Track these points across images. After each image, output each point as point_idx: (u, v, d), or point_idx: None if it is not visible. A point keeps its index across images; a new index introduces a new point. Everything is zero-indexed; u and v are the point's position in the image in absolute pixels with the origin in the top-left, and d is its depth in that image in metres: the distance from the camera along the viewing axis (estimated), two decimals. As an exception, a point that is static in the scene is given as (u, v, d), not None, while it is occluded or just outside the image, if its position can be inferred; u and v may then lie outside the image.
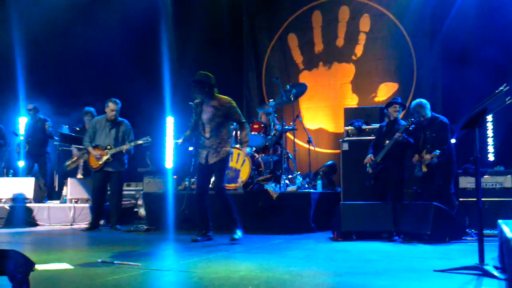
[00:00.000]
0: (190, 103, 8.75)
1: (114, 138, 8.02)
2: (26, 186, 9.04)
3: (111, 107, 8.08)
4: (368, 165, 6.92)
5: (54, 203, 9.03)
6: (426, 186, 6.81)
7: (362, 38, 10.09)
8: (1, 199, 9.00)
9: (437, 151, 6.55)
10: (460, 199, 6.84)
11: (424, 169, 6.66)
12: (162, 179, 9.28)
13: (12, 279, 3.20)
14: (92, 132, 8.10)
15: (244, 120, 6.53)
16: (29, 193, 8.98)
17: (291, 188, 7.61)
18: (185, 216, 7.60)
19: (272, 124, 8.33)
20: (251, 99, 10.98)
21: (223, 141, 6.33)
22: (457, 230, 6.15)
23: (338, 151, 8.46)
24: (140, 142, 8.06)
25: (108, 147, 7.97)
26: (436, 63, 9.16)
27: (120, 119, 8.19)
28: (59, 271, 4.30)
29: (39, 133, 9.63)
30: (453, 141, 6.82)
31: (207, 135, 6.31)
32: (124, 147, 7.98)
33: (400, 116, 7.10)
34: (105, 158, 7.94)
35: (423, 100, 6.92)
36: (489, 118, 8.02)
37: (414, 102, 7.00)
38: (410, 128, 6.68)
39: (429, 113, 6.86)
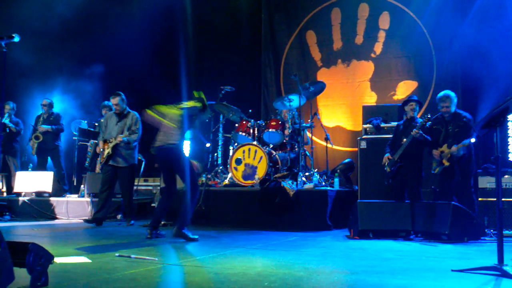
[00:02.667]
0: (208, 102, 8.83)
1: (120, 131, 7.91)
2: (45, 180, 9.16)
3: (112, 101, 8.07)
4: (386, 164, 6.87)
5: (73, 197, 9.13)
6: (445, 183, 6.73)
7: (382, 35, 10.01)
8: (21, 192, 9.13)
9: (466, 140, 6.41)
10: (480, 198, 6.75)
11: (446, 163, 6.56)
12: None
13: (32, 271, 3.25)
14: (104, 126, 8.13)
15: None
16: (48, 187, 9.10)
17: (308, 186, 7.59)
18: (202, 212, 7.64)
19: (290, 121, 8.31)
20: (269, 95, 10.96)
21: None
22: (475, 230, 6.09)
23: (355, 149, 8.43)
24: (120, 138, 7.80)
25: (111, 140, 7.90)
26: (456, 60, 9.05)
27: (129, 110, 8.09)
28: (77, 264, 4.35)
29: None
30: (472, 140, 6.73)
31: None
32: (117, 140, 7.80)
33: (419, 114, 7.04)
34: (106, 151, 7.87)
35: (451, 93, 6.80)
36: (510, 117, 7.90)
37: (441, 93, 6.87)
38: (427, 125, 6.62)
39: (453, 107, 6.74)
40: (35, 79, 10.96)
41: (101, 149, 7.97)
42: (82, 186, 9.32)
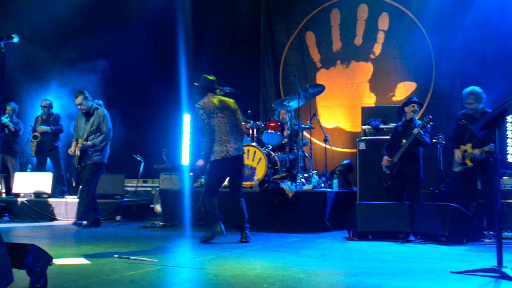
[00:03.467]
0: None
1: (86, 130, 7.61)
2: (44, 181, 9.15)
3: (76, 100, 7.74)
4: (384, 165, 6.87)
5: (71, 198, 9.12)
6: (465, 183, 6.69)
7: (381, 36, 10.02)
8: (20, 193, 9.12)
9: (491, 144, 6.23)
10: (479, 200, 6.76)
11: (469, 163, 6.51)
12: (178, 176, 9.32)
13: (31, 273, 3.24)
14: (75, 126, 7.90)
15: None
16: (47, 188, 9.09)
17: (307, 187, 7.59)
18: (201, 213, 7.63)
19: (289, 122, 8.31)
20: (268, 96, 10.97)
21: None
22: (474, 231, 6.09)
23: (354, 150, 8.43)
24: (80, 145, 7.58)
25: (79, 140, 7.64)
26: (456, 62, 9.06)
27: (96, 107, 7.77)
28: (76, 265, 4.34)
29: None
30: None
31: None
32: (79, 145, 7.58)
33: (417, 116, 7.03)
34: (76, 153, 7.63)
35: (479, 89, 6.64)
36: (509, 118, 7.91)
37: (469, 88, 6.71)
38: (428, 126, 6.62)
39: (480, 105, 6.58)
40: (35, 80, 10.95)
41: (73, 151, 7.70)
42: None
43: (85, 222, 7.53)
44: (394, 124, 7.39)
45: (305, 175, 7.98)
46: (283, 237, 6.55)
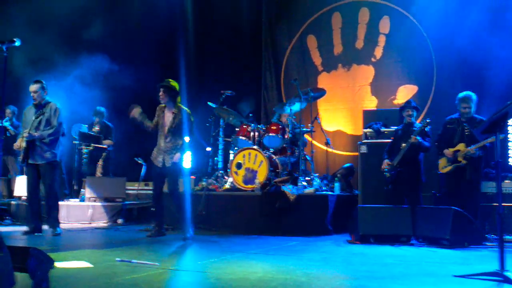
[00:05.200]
0: (208, 103, 8.83)
1: (37, 124, 6.98)
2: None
3: (31, 88, 7.10)
4: (385, 169, 6.88)
5: (73, 202, 9.12)
6: (455, 182, 6.70)
7: (382, 40, 10.02)
8: (21, 196, 9.12)
9: (492, 137, 6.25)
10: (481, 203, 6.75)
11: (463, 161, 6.53)
12: (180, 179, 9.31)
13: (33, 276, 3.24)
14: (23, 120, 7.27)
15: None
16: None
17: (309, 190, 7.59)
18: (202, 216, 7.64)
19: (290, 125, 8.32)
20: (269, 99, 10.97)
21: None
22: (476, 235, 6.09)
23: (356, 153, 8.42)
24: (26, 134, 6.91)
25: (25, 134, 6.97)
26: (457, 65, 9.05)
27: (48, 101, 7.15)
28: (78, 269, 4.34)
29: None
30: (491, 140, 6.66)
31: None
32: (25, 135, 6.92)
33: (418, 119, 7.04)
34: (21, 147, 6.98)
35: (473, 95, 6.81)
36: (510, 122, 7.91)
37: (463, 93, 6.86)
38: (427, 129, 6.63)
39: (473, 110, 6.75)
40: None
41: (18, 145, 7.04)
42: (82, 190, 9.30)
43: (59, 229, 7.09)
44: (395, 127, 7.40)
45: (307, 178, 7.98)
46: (285, 241, 6.55)
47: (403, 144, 6.71)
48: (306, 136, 9.00)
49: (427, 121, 6.60)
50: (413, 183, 6.71)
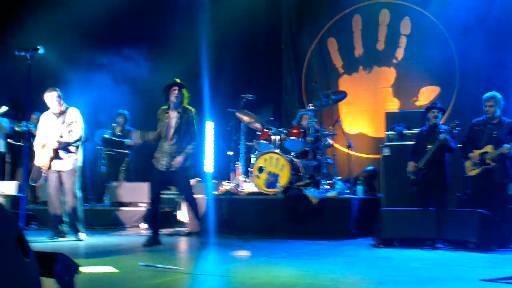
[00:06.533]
0: (228, 109, 8.85)
1: (58, 131, 6.93)
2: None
3: (47, 97, 7.00)
4: (410, 171, 6.79)
5: (97, 206, 9.20)
6: (483, 185, 6.59)
7: (403, 41, 9.95)
8: (45, 201, 9.21)
9: None
10: (509, 205, 6.63)
11: (492, 163, 6.43)
12: (202, 183, 9.34)
13: (60, 281, 3.26)
14: (42, 127, 7.14)
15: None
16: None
17: (331, 194, 7.55)
18: (224, 220, 7.65)
19: (311, 128, 8.28)
20: (290, 102, 10.96)
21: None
22: (504, 237, 5.98)
23: (378, 156, 8.36)
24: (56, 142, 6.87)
25: (49, 142, 6.93)
26: (479, 65, 8.93)
27: (68, 107, 7.10)
28: (103, 274, 4.37)
29: None
30: None
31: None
32: (53, 144, 6.86)
33: (441, 121, 6.96)
34: (47, 155, 6.93)
35: (498, 95, 6.67)
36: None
37: (488, 93, 6.72)
38: (454, 132, 6.54)
39: (498, 111, 6.60)
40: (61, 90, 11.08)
41: (41, 153, 6.99)
42: (105, 195, 9.38)
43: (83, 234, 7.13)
44: (418, 129, 7.31)
45: (329, 181, 7.94)
46: (308, 245, 6.52)
47: (429, 146, 6.62)
48: (328, 139, 8.94)
49: (456, 123, 6.51)
50: (439, 185, 6.62)
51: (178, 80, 6.46)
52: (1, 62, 10.35)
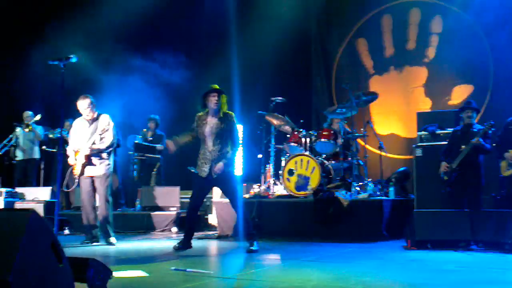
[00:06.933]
0: (258, 112, 8.84)
1: (90, 138, 7.01)
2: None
3: (80, 104, 7.07)
4: (443, 171, 6.68)
5: (129, 211, 9.31)
6: None
7: (434, 39, 9.81)
8: (78, 207, 9.36)
9: None
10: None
11: None
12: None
13: (92, 286, 3.31)
14: (74, 133, 7.22)
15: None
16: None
17: (362, 196, 7.47)
18: (255, 224, 7.63)
19: (342, 130, 8.22)
20: (320, 104, 10.90)
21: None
22: (541, 239, 5.81)
23: (410, 156, 8.24)
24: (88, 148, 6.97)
25: (80, 148, 7.02)
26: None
27: (100, 113, 7.17)
28: (134, 278, 4.40)
29: None
30: None
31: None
32: (86, 150, 6.96)
33: (476, 120, 6.82)
34: (78, 161, 7.00)
35: None
36: None
37: None
38: (490, 132, 6.40)
39: None
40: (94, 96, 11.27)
41: (74, 159, 7.04)
42: (137, 200, 9.50)
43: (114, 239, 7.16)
44: (451, 129, 7.18)
45: (360, 183, 7.86)
46: (339, 247, 6.46)
47: (463, 146, 6.49)
48: (359, 141, 8.87)
49: (491, 123, 6.37)
50: (473, 186, 6.49)
51: (216, 86, 6.37)
52: (35, 69, 10.58)
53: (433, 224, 6.20)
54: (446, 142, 7.09)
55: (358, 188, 7.66)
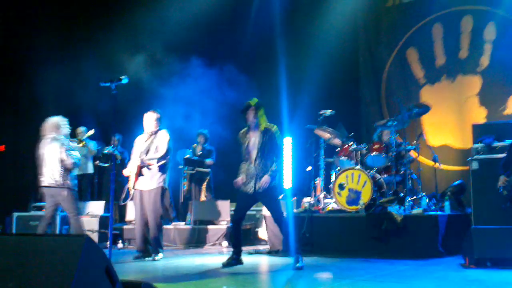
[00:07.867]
0: (307, 125, 8.76)
1: (146, 151, 7.18)
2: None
3: (148, 118, 7.29)
4: (502, 186, 6.40)
5: (180, 225, 9.38)
6: None
7: (488, 47, 9.49)
8: (131, 220, 9.51)
9: None
10: None
11: None
12: (282, 200, 9.29)
13: (145, 310, 3.32)
14: (134, 147, 7.43)
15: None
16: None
17: (417, 211, 7.26)
18: (306, 239, 7.54)
19: (393, 143, 8.03)
20: (369, 116, 10.71)
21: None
22: None
23: (465, 167, 7.97)
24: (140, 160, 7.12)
25: (136, 160, 7.23)
26: None
27: (159, 129, 7.31)
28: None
29: None
30: None
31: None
32: (138, 161, 7.12)
33: (536, 130, 6.52)
34: (132, 174, 7.17)
35: None
36: None
37: None
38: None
39: None
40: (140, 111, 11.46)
41: (129, 171, 7.24)
42: (188, 213, 9.56)
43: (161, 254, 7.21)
44: (510, 141, 6.89)
45: (414, 197, 7.64)
46: (393, 265, 6.28)
47: (523, 159, 6.22)
48: (412, 153, 8.64)
49: None
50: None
51: (252, 102, 6.37)
52: (87, 86, 10.82)
53: (493, 241, 5.94)
54: (504, 155, 6.81)
55: (411, 203, 7.45)
